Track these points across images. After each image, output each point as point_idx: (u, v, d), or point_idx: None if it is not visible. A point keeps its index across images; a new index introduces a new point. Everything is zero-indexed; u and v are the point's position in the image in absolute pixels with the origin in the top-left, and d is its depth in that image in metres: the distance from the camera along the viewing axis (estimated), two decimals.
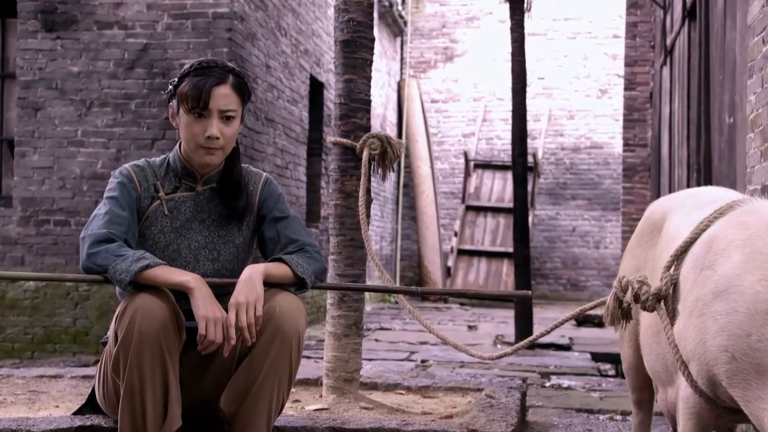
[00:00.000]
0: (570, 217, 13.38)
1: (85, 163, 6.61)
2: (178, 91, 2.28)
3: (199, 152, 2.29)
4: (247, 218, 2.41)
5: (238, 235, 2.39)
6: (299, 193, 8.47)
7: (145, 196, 2.32)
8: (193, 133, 2.27)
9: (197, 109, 2.25)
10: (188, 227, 2.35)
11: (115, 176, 2.33)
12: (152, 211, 2.32)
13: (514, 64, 6.58)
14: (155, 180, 2.34)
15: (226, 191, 2.37)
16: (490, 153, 13.62)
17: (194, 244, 2.34)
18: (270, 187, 2.46)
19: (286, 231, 2.40)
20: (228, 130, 2.29)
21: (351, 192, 3.40)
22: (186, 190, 2.37)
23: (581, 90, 13.41)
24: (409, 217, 13.60)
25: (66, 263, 6.53)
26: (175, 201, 2.35)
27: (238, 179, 2.39)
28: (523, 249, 6.55)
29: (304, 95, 8.61)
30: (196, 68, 2.28)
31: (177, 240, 2.33)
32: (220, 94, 2.26)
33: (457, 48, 13.84)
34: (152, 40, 6.58)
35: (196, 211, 2.37)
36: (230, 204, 2.36)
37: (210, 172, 2.37)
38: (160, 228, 2.32)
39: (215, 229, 2.37)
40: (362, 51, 3.43)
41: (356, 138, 3.39)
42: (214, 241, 2.36)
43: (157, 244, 2.31)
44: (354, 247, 3.40)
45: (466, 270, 12.20)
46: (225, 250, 2.36)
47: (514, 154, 6.67)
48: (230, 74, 2.30)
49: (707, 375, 1.83)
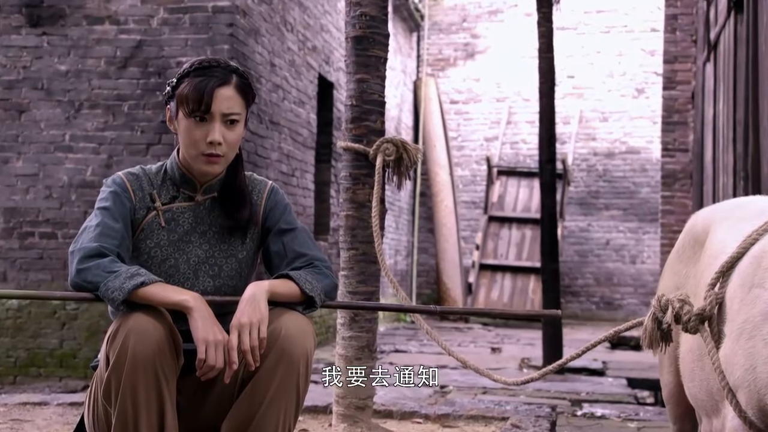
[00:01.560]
0: (603, 229, 13.33)
1: (73, 170, 6.65)
2: (177, 92, 2.28)
3: (199, 160, 2.30)
4: (251, 230, 2.41)
5: (241, 249, 2.39)
6: (306, 203, 8.49)
7: (140, 206, 2.32)
8: (193, 139, 2.28)
9: (198, 113, 2.26)
10: (187, 240, 2.35)
11: (107, 185, 2.34)
12: (148, 222, 2.33)
13: (541, 62, 6.58)
14: (151, 189, 2.35)
15: (228, 201, 2.38)
16: (515, 159, 13.61)
17: (193, 258, 2.35)
18: (276, 197, 2.46)
19: (293, 244, 2.40)
20: (231, 135, 2.29)
21: (363, 202, 3.40)
22: (184, 200, 2.38)
23: (615, 89, 13.38)
24: (427, 229, 13.59)
25: (52, 279, 6.56)
26: (172, 212, 2.36)
27: (242, 188, 2.39)
28: (551, 264, 6.53)
29: (311, 96, 8.64)
30: (196, 68, 2.29)
31: (175, 254, 2.33)
32: (223, 96, 2.27)
33: (478, 44, 13.85)
34: (147, 37, 6.63)
35: (196, 223, 2.37)
36: (233, 215, 2.37)
37: (211, 181, 2.38)
38: (156, 241, 2.33)
39: (216, 243, 2.37)
40: (376, 48, 3.45)
41: (369, 143, 3.40)
42: (215, 256, 2.36)
43: (152, 258, 2.31)
44: (366, 261, 3.40)
45: (488, 287, 12.17)
46: (227, 266, 2.37)
47: (542, 159, 6.66)
48: (233, 74, 2.30)
49: (758, 404, 1.82)
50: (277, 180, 7.54)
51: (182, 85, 2.28)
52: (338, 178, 9.01)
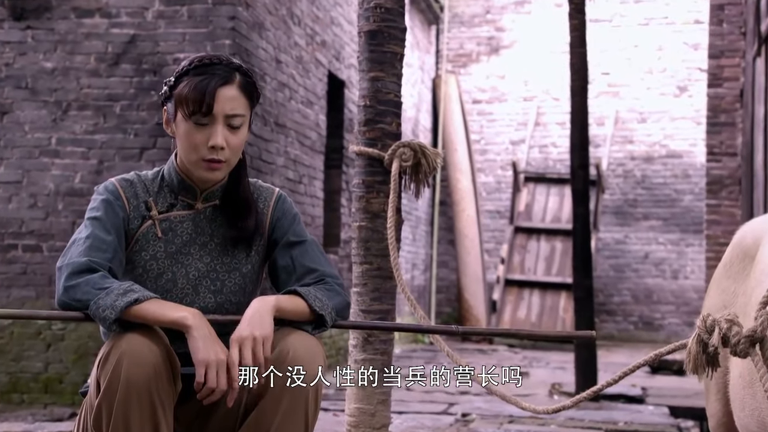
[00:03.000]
0: (642, 241, 13.29)
1: (60, 176, 6.68)
2: (176, 92, 2.30)
3: (199, 166, 2.31)
4: (257, 242, 2.42)
5: (245, 262, 2.40)
6: (315, 213, 8.51)
7: (135, 215, 2.34)
8: (193, 143, 2.29)
9: (199, 114, 2.27)
10: (186, 252, 2.36)
11: (98, 192, 2.35)
12: (143, 233, 2.34)
13: (573, 57, 6.58)
14: (147, 196, 2.36)
15: (231, 209, 2.39)
16: (544, 164, 13.59)
17: (193, 272, 2.36)
18: (284, 206, 2.47)
19: (303, 258, 2.41)
20: (234, 139, 2.31)
21: (378, 211, 3.41)
22: (183, 207, 2.39)
23: (655, 87, 13.36)
24: (447, 240, 13.58)
25: (37, 297, 6.59)
26: (170, 221, 2.37)
27: (246, 195, 2.40)
28: (584, 279, 6.52)
29: (321, 95, 8.67)
30: (196, 65, 2.30)
31: (172, 267, 2.34)
32: (226, 96, 2.28)
33: (503, 38, 13.86)
34: (141, 31, 6.66)
35: (196, 233, 2.38)
36: (237, 224, 2.38)
37: (212, 187, 2.39)
38: (152, 253, 2.34)
39: (218, 255, 2.38)
40: (391, 43, 3.46)
41: (384, 147, 3.40)
42: (217, 269, 2.37)
43: (148, 272, 2.33)
44: (381, 277, 3.41)
45: (515, 304, 12.15)
46: (230, 280, 2.38)
47: (573, 164, 6.65)
48: (237, 72, 2.31)
49: None
50: (283, 187, 7.57)
51: (181, 84, 2.29)
52: (350, 186, 9.02)
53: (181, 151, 2.33)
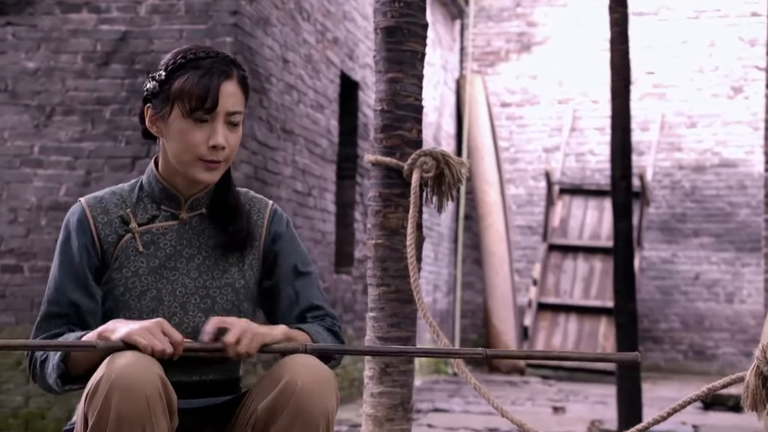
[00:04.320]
0: (691, 261, 13.24)
1: (43, 189, 6.72)
2: (173, 88, 2.33)
3: (196, 167, 2.35)
4: (250, 254, 2.45)
5: (238, 277, 2.43)
6: (326, 228, 8.52)
7: (109, 232, 2.38)
8: (191, 142, 2.33)
9: (201, 111, 2.31)
10: (171, 267, 2.39)
11: (65, 219, 2.42)
12: (122, 248, 2.38)
13: (613, 55, 6.58)
14: (121, 209, 2.40)
15: (220, 214, 2.44)
16: (581, 174, 13.57)
17: (180, 288, 2.38)
18: (281, 221, 2.51)
19: (309, 293, 2.47)
20: (233, 137, 2.37)
21: (396, 228, 3.42)
22: (166, 218, 2.43)
23: (706, 88, 13.34)
24: (472, 259, 13.57)
25: (17, 322, 6.61)
26: (152, 233, 2.40)
27: (235, 198, 2.45)
28: (627, 303, 6.50)
29: (332, 98, 8.69)
30: (191, 59, 2.35)
31: (156, 284, 2.37)
32: (228, 91, 2.34)
33: (536, 34, 13.87)
34: (133, 27, 6.70)
35: (181, 246, 2.41)
36: (227, 229, 2.42)
37: (197, 194, 2.43)
38: (134, 269, 2.37)
39: (207, 269, 2.41)
40: (411, 41, 3.47)
41: (403, 156, 3.41)
42: (207, 285, 2.39)
43: (130, 290, 2.35)
44: (400, 300, 3.41)
45: (549, 330, 12.13)
46: (221, 297, 2.40)
47: (614, 174, 6.64)
48: (233, 66, 2.38)
49: None
50: (290, 200, 7.59)
51: (178, 79, 2.33)
52: (365, 199, 9.02)
53: (174, 151, 2.36)
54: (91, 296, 2.36)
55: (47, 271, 6.47)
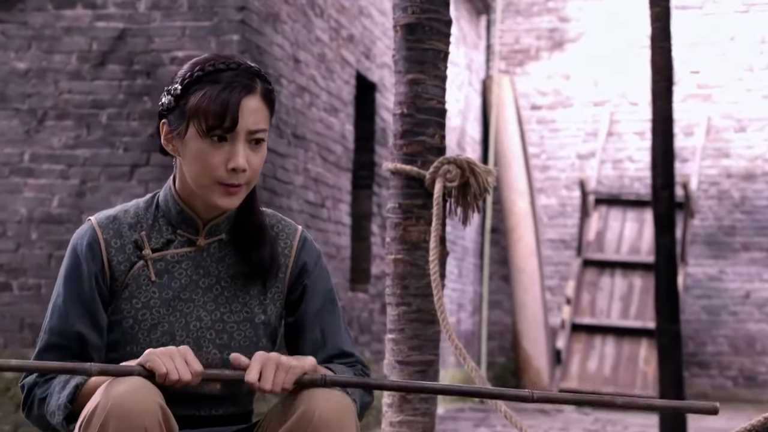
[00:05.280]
0: (742, 278, 13.17)
1: (34, 200, 6.74)
2: (188, 104, 2.28)
3: (215, 191, 2.30)
4: (273, 286, 2.42)
5: (258, 311, 2.39)
6: (341, 242, 8.52)
7: (121, 259, 2.34)
8: (209, 164, 2.27)
9: (219, 131, 2.26)
10: (185, 298, 2.36)
11: (72, 240, 2.37)
12: (134, 276, 2.34)
13: (654, 53, 6.57)
14: (136, 233, 2.36)
15: (241, 240, 2.40)
16: (619, 182, 13.54)
17: (194, 322, 2.35)
18: (311, 252, 2.47)
19: (337, 336, 2.43)
20: (256, 158, 2.31)
21: (417, 241, 3.42)
22: (183, 244, 2.38)
23: (757, 89, 13.29)
24: (500, 276, 13.55)
25: (6, 344, 6.62)
26: (166, 261, 2.36)
27: (259, 221, 2.41)
28: (670, 324, 6.47)
29: (347, 101, 8.70)
30: (209, 71, 2.28)
31: (169, 317, 2.34)
32: (250, 108, 2.28)
33: (569, 30, 13.86)
34: (132, 24, 6.72)
35: (198, 275, 2.38)
36: (249, 257, 2.38)
37: (217, 218, 2.39)
38: (145, 300, 2.33)
39: (225, 301, 2.38)
40: (434, 39, 3.47)
41: (425, 164, 3.41)
42: (224, 319, 2.36)
43: (140, 323, 2.32)
44: (422, 321, 3.41)
45: (584, 354, 12.08)
46: (239, 333, 2.36)
47: (655, 183, 6.62)
48: (257, 78, 2.32)
49: None
50: (302, 212, 7.59)
51: (194, 94, 2.27)
52: (383, 210, 9.03)
53: (191, 173, 2.32)
54: (99, 330, 2.32)
55: (38, 290, 6.51)
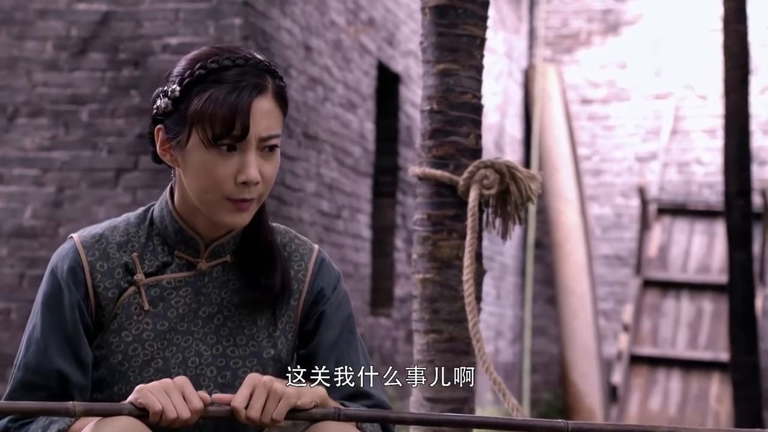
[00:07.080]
0: None
1: (3, 210, 6.76)
2: (191, 109, 2.24)
3: (223, 208, 2.28)
4: (284, 315, 2.41)
5: (267, 344, 2.39)
6: (359, 259, 8.53)
7: (109, 285, 2.33)
8: (217, 178, 2.25)
9: (227, 139, 2.23)
10: (183, 330, 2.36)
11: (51, 262, 2.34)
12: (124, 305, 2.33)
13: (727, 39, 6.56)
14: (128, 253, 2.35)
15: (249, 262, 2.38)
16: (685, 189, 13.52)
17: (193, 358, 2.35)
18: (330, 275, 2.45)
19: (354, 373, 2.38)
20: (269, 168, 2.28)
21: (449, 258, 3.43)
22: (181, 268, 2.37)
23: None
24: (545, 298, 13.53)
25: None
26: (161, 287, 2.35)
27: (269, 244, 2.40)
28: (746, 355, 6.45)
29: (367, 95, 8.72)
30: (213, 69, 2.26)
31: (164, 351, 2.33)
32: (262, 111, 2.25)
33: (625, 12, 13.86)
34: (117, 7, 6.75)
35: (198, 304, 2.37)
36: (257, 282, 2.37)
37: (222, 238, 2.38)
38: (137, 333, 2.33)
39: (229, 332, 2.37)
40: (468, 23, 3.49)
41: (458, 168, 3.43)
42: (227, 354, 2.36)
43: (130, 359, 2.32)
44: (455, 351, 3.42)
45: (645, 390, 12.03)
46: (243, 370, 2.35)
47: (728, 190, 6.61)
48: (267, 75, 2.29)
49: None
50: (314, 224, 7.61)
51: (197, 97, 2.24)
52: (409, 222, 9.03)
53: (194, 187, 2.29)
54: (82, 367, 2.30)
55: (7, 314, 6.53)
